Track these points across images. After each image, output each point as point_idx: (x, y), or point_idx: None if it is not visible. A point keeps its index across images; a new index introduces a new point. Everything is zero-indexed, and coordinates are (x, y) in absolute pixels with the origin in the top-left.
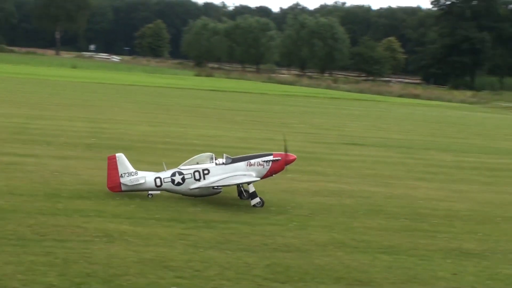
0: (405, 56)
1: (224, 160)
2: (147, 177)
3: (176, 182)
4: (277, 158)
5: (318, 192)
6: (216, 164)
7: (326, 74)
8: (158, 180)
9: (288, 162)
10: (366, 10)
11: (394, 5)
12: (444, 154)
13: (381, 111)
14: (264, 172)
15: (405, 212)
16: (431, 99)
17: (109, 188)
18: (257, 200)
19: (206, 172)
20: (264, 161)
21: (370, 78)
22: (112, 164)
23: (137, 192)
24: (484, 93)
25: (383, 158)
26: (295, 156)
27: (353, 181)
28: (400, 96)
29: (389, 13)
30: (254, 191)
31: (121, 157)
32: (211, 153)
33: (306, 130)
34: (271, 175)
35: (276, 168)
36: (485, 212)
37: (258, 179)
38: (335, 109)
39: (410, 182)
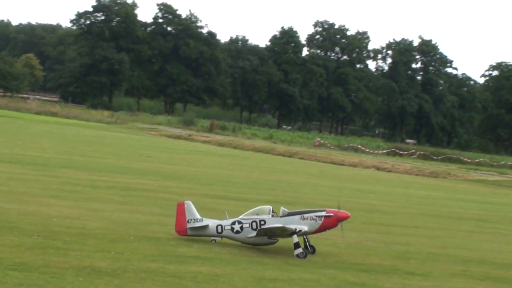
0: (44, 73)
1: (281, 213)
2: (210, 224)
3: (235, 230)
4: (329, 214)
5: None
6: (272, 216)
7: None
8: (219, 227)
9: (340, 218)
10: (5, 25)
11: (33, 22)
12: (80, 173)
13: (18, 127)
14: (317, 226)
15: (38, 229)
16: (69, 118)
17: (177, 232)
18: (299, 250)
19: (262, 222)
20: (316, 216)
21: (8, 94)
22: (181, 210)
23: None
24: (121, 114)
25: (18, 174)
26: (349, 214)
27: None
28: (38, 113)
29: (28, 29)
30: (298, 242)
31: (189, 204)
32: (270, 206)
33: None
34: (324, 230)
35: (327, 224)
36: (118, 230)
37: (305, 229)
38: None
39: (45, 199)
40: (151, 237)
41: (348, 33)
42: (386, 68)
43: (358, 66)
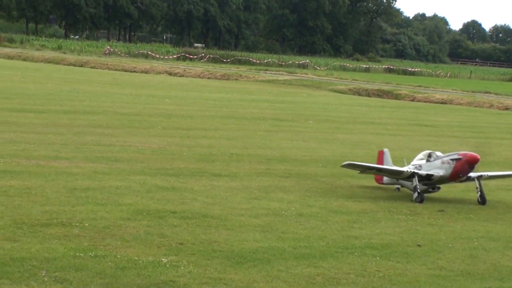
0: None
1: (431, 158)
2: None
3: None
4: (459, 157)
5: None
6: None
7: None
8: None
9: (469, 161)
10: None
11: None
12: None
13: None
14: (450, 171)
15: None
16: None
17: (376, 180)
18: (415, 195)
19: (419, 167)
20: (450, 160)
21: None
22: (380, 158)
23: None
24: None
25: None
26: (477, 156)
27: None
28: None
29: None
30: (416, 185)
31: (387, 152)
32: (428, 151)
33: None
34: (458, 177)
35: (459, 168)
36: None
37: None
38: None
39: None
40: None
41: None
42: None
43: None
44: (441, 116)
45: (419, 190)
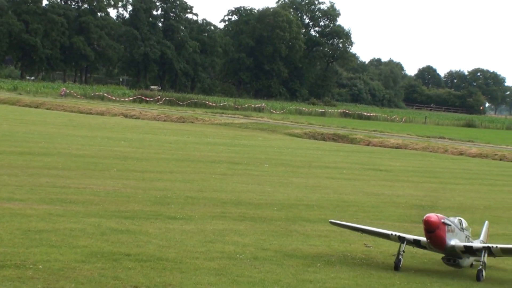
0: None
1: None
2: None
3: None
4: None
5: None
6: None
7: None
8: None
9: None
10: None
11: None
12: None
13: None
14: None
15: None
16: None
17: None
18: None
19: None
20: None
21: None
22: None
23: None
24: None
25: None
26: (429, 217)
27: None
28: None
29: None
30: (399, 249)
31: (486, 224)
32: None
33: None
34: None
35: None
36: None
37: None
38: None
39: None
40: None
41: None
42: (127, 15)
43: (99, 14)
44: (396, 160)
45: (400, 255)
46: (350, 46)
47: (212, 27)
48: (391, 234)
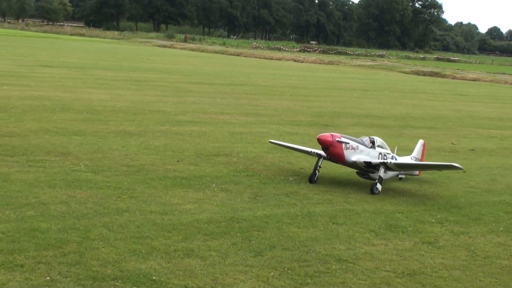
0: (72, 8)
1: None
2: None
3: None
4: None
5: (27, 97)
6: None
7: (20, 21)
8: None
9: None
10: None
11: None
12: (105, 71)
13: (60, 44)
14: None
15: (86, 109)
16: (92, 37)
17: None
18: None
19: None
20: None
21: (50, 23)
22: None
23: None
24: (126, 33)
25: (66, 74)
26: (321, 136)
27: (49, 90)
28: (71, 34)
29: None
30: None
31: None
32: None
33: (11, 57)
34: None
35: None
36: (137, 107)
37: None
38: (29, 43)
39: (86, 89)
40: (158, 110)
41: None
42: None
43: None
44: (472, 88)
45: (317, 170)
46: (441, 14)
47: (350, 2)
48: (312, 151)
